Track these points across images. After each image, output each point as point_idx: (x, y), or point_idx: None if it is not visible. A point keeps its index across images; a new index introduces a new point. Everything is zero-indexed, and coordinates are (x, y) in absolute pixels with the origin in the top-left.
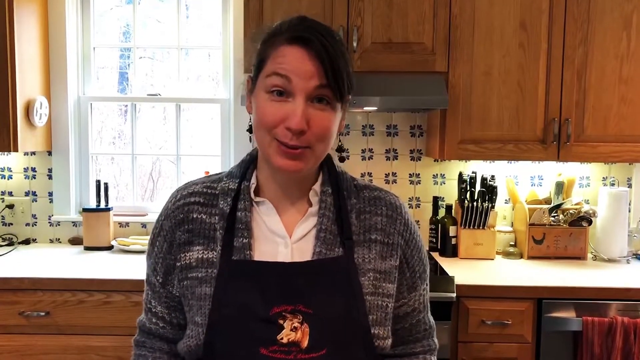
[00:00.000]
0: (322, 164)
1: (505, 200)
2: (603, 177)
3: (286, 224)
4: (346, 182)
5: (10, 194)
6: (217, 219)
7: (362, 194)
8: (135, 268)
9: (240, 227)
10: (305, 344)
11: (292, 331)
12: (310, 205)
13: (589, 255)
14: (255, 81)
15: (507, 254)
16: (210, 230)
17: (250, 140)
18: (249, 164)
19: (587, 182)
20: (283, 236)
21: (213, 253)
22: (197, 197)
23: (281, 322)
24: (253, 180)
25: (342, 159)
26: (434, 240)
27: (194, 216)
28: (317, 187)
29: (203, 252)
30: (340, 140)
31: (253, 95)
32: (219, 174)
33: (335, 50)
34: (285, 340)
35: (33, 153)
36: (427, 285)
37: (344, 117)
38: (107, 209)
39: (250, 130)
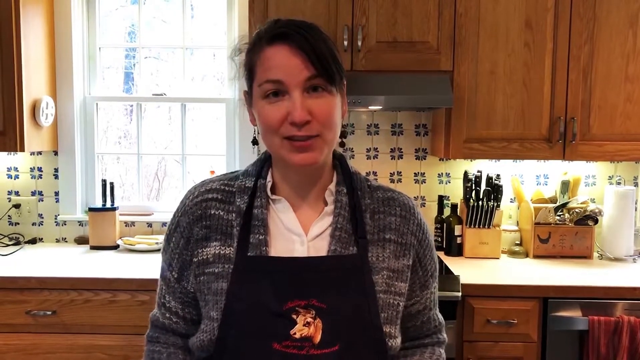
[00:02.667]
0: (336, 165)
1: (511, 199)
2: (609, 176)
3: (302, 222)
4: (360, 182)
5: (17, 193)
6: (234, 215)
7: (376, 195)
8: (141, 267)
9: (257, 223)
10: (317, 339)
11: (305, 326)
12: (326, 204)
13: (595, 254)
14: (251, 92)
15: (512, 253)
16: (227, 226)
17: (253, 152)
18: (264, 162)
19: (593, 181)
20: (299, 234)
21: (230, 249)
22: (214, 193)
23: (294, 317)
24: (269, 178)
25: (342, 144)
26: (439, 239)
27: (212, 212)
28: (332, 186)
29: (220, 248)
30: (344, 126)
31: (253, 106)
32: (235, 172)
33: (314, 38)
34: (298, 336)
35: (39, 153)
36: (436, 282)
37: (344, 102)
38: (113, 209)
39: (254, 142)
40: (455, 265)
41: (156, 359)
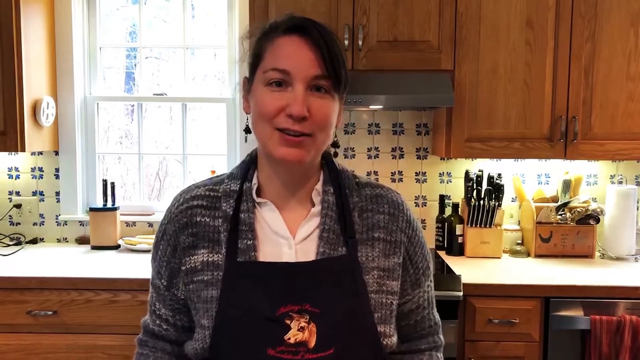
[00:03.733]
0: (323, 164)
1: (512, 198)
2: (611, 175)
3: (289, 224)
4: (347, 180)
5: (18, 193)
6: (220, 221)
7: (364, 192)
8: (141, 267)
9: (244, 228)
10: (312, 343)
11: (299, 331)
12: (313, 205)
13: (597, 254)
14: (252, 79)
15: (514, 253)
16: (214, 233)
17: (246, 141)
18: (249, 165)
19: (594, 180)
20: (286, 237)
21: (218, 256)
22: (199, 200)
23: (288, 322)
24: (254, 180)
25: (335, 154)
26: (441, 238)
27: (198, 219)
28: (319, 186)
29: (208, 255)
30: (336, 136)
31: (251, 92)
32: (220, 176)
33: (332, 39)
34: (292, 341)
35: (40, 153)
36: (431, 281)
37: (341, 112)
38: (114, 209)
39: (246, 130)
40: (456, 264)
41: None
